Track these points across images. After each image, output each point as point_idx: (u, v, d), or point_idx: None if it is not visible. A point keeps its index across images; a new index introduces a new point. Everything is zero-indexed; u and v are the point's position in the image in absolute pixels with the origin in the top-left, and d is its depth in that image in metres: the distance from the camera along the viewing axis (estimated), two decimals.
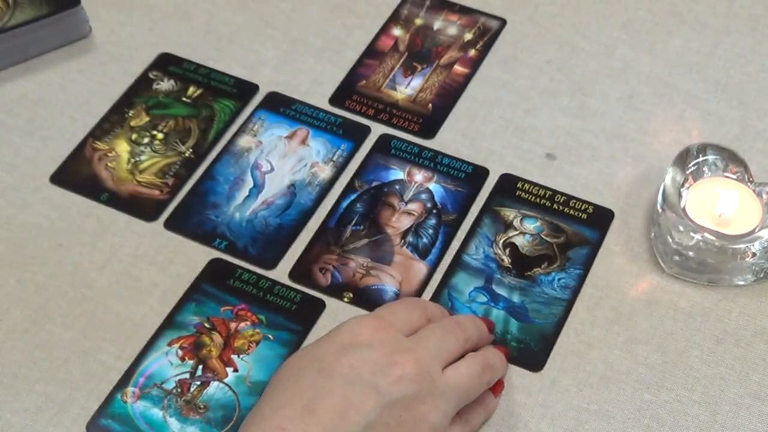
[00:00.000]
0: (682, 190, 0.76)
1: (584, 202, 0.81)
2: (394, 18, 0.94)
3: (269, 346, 0.72)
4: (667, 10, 0.95)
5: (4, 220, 0.80)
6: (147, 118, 0.86)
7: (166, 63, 0.90)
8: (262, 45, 0.92)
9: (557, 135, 0.85)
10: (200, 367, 0.71)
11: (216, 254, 0.78)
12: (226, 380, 0.71)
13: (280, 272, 0.77)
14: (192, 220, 0.80)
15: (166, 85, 0.89)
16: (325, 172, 0.83)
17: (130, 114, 0.87)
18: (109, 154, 0.84)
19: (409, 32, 0.93)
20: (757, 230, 0.74)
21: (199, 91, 0.88)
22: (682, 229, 0.74)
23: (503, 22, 0.94)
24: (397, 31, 0.93)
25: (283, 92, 0.88)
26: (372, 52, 0.92)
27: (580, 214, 0.80)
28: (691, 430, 0.69)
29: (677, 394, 0.71)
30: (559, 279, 0.76)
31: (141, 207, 0.81)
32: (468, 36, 0.93)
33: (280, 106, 0.88)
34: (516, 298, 0.75)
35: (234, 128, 0.86)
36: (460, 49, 0.92)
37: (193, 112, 0.87)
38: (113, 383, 0.71)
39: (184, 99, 0.88)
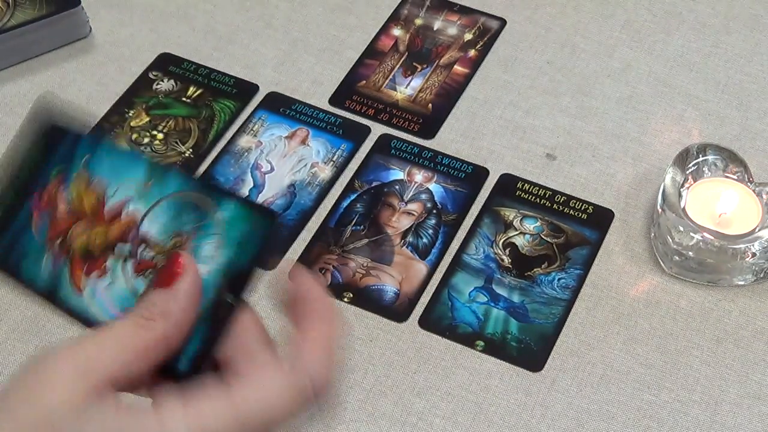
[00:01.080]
0: (682, 190, 0.76)
1: (584, 202, 0.81)
2: (394, 18, 0.94)
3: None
4: (667, 10, 0.95)
5: None
6: (147, 118, 0.86)
7: (166, 63, 0.90)
8: (262, 45, 0.92)
9: (557, 135, 0.85)
10: None
11: None
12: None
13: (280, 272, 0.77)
14: None
15: (166, 85, 0.89)
16: (325, 172, 0.83)
17: (130, 114, 0.87)
18: None
19: (409, 32, 0.93)
20: (757, 230, 0.74)
21: (199, 91, 0.88)
22: (682, 229, 0.74)
23: (503, 22, 0.94)
24: (397, 31, 0.93)
25: (283, 92, 0.88)
26: (372, 52, 0.92)
27: (580, 214, 0.80)
28: (691, 430, 0.69)
29: (677, 394, 0.71)
30: (559, 279, 0.76)
31: None
32: (468, 36, 0.93)
33: (280, 106, 0.88)
34: (516, 298, 0.75)
35: (234, 128, 0.86)
36: (460, 49, 0.92)
37: (193, 112, 0.87)
38: None
39: (184, 99, 0.88)
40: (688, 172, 0.77)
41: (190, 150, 0.84)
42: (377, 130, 0.86)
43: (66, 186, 0.49)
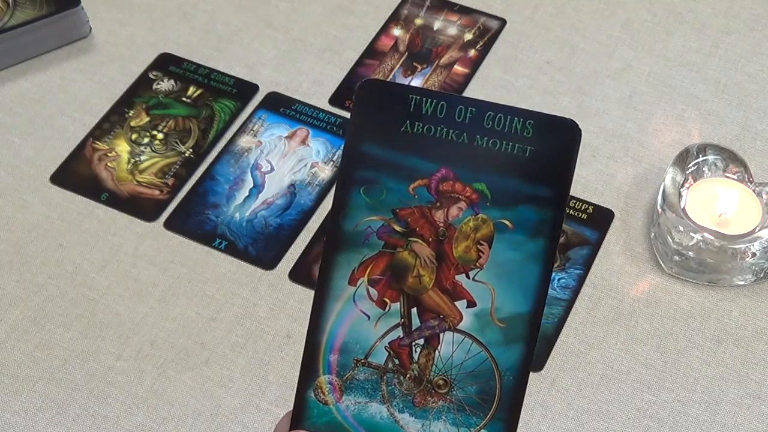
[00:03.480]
0: (682, 190, 0.76)
1: (584, 202, 0.81)
2: (394, 18, 0.94)
3: (510, 240, 0.46)
4: (667, 10, 0.95)
5: (4, 220, 0.80)
6: (147, 118, 0.86)
7: (166, 63, 0.90)
8: (262, 45, 0.92)
9: None
10: (414, 310, 0.46)
11: (216, 254, 0.78)
12: (462, 325, 0.46)
13: (280, 272, 0.77)
14: (192, 220, 0.80)
15: (166, 85, 0.89)
16: (325, 172, 0.83)
17: (130, 114, 0.87)
18: (109, 154, 0.84)
19: (409, 32, 0.93)
20: (757, 230, 0.74)
21: (199, 91, 0.88)
22: (682, 229, 0.74)
23: (503, 22, 0.94)
24: (397, 31, 0.93)
25: (283, 92, 0.88)
26: (372, 52, 0.92)
27: (580, 214, 0.80)
28: (691, 430, 0.69)
29: (677, 394, 0.71)
30: (559, 279, 0.76)
31: (141, 207, 0.81)
32: (468, 36, 0.93)
33: (280, 106, 0.88)
34: None
35: (234, 128, 0.86)
36: (460, 49, 0.92)
37: (193, 112, 0.87)
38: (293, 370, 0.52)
39: (184, 99, 0.88)
40: (688, 172, 0.77)
41: (190, 150, 0.84)
42: None
43: None
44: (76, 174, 0.83)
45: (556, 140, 0.45)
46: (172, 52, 0.91)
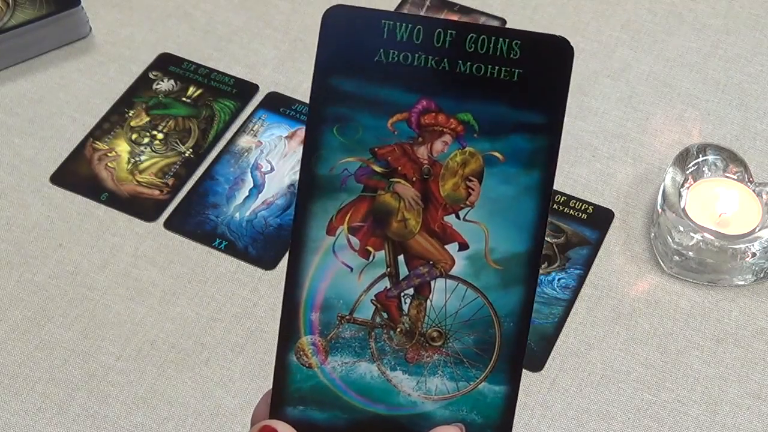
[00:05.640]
0: (682, 190, 0.76)
1: (584, 202, 0.81)
2: None
3: (502, 174, 0.42)
4: (667, 10, 0.95)
5: (4, 220, 0.80)
6: (147, 118, 0.86)
7: (166, 63, 0.90)
8: (262, 45, 0.92)
9: None
10: (401, 258, 0.42)
11: (216, 254, 0.78)
12: (455, 271, 0.42)
13: (280, 272, 0.77)
14: (192, 220, 0.80)
15: (166, 85, 0.89)
16: None
17: (130, 114, 0.87)
18: (109, 154, 0.84)
19: None
20: (757, 230, 0.74)
21: (199, 91, 0.88)
22: (682, 229, 0.74)
23: (503, 22, 0.94)
24: None
25: (283, 92, 0.88)
26: None
27: (580, 214, 0.80)
28: (691, 430, 0.69)
29: (677, 394, 0.71)
30: (559, 279, 0.76)
31: (141, 207, 0.81)
32: None
33: (280, 106, 0.88)
34: None
35: (234, 128, 0.86)
36: None
37: (193, 112, 0.87)
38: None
39: (184, 99, 0.88)
40: (688, 172, 0.77)
41: (190, 150, 0.84)
42: None
43: None
44: (76, 174, 0.83)
45: (547, 60, 0.41)
46: (172, 52, 0.91)
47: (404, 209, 0.41)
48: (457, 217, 0.41)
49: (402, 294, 0.41)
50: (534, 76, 0.41)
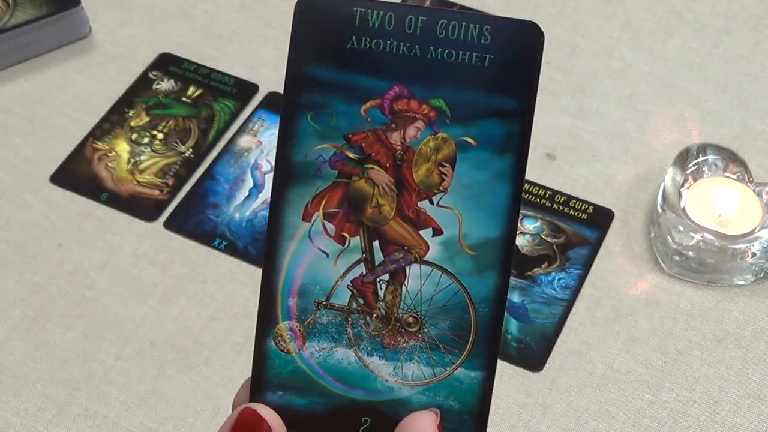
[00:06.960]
0: (682, 190, 0.76)
1: (584, 202, 0.81)
2: None
3: (475, 159, 0.42)
4: (667, 10, 0.95)
5: (4, 220, 0.80)
6: (147, 118, 0.86)
7: (166, 63, 0.90)
8: (262, 45, 0.92)
9: (557, 135, 0.85)
10: (376, 244, 0.43)
11: (216, 254, 0.78)
12: (429, 256, 0.43)
13: None
14: (192, 220, 0.80)
15: (166, 85, 0.89)
16: None
17: (130, 114, 0.87)
18: (109, 154, 0.84)
19: None
20: (757, 230, 0.74)
21: (199, 91, 0.88)
22: (682, 229, 0.74)
23: None
24: None
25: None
26: None
27: (580, 214, 0.80)
28: (691, 430, 0.69)
29: (677, 394, 0.71)
30: (559, 279, 0.76)
31: (141, 207, 0.81)
32: None
33: (280, 106, 0.87)
34: (516, 298, 0.75)
35: (234, 128, 0.86)
36: None
37: (193, 112, 0.87)
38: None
39: (184, 99, 0.88)
40: (688, 172, 0.77)
41: (190, 150, 0.84)
42: None
43: None
44: (76, 174, 0.83)
45: (517, 45, 0.42)
46: (172, 52, 0.91)
47: (378, 195, 0.42)
48: (431, 202, 0.42)
49: (378, 279, 0.42)
50: (504, 62, 0.41)
